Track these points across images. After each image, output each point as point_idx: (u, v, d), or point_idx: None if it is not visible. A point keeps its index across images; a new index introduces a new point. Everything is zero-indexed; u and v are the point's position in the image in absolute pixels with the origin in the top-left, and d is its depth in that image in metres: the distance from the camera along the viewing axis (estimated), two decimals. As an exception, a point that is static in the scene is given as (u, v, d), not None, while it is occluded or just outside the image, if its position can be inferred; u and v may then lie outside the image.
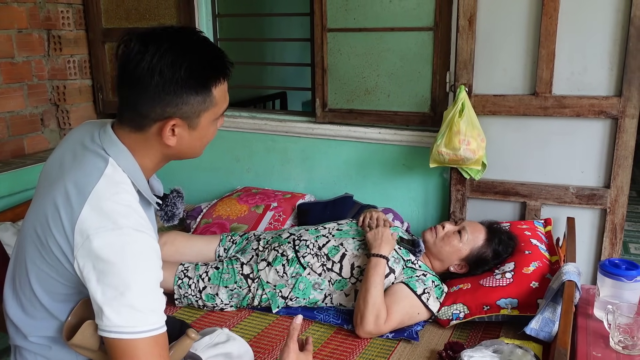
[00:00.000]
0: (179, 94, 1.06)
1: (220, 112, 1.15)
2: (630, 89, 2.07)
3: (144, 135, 1.11)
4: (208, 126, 1.14)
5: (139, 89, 1.06)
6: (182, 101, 1.07)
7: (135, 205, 1.08)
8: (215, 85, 1.10)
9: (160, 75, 1.04)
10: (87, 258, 1.02)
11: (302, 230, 2.07)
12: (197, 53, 1.07)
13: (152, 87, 1.05)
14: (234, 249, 2.13)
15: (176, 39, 1.07)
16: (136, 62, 1.05)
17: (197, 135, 1.13)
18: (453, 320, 1.82)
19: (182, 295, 1.96)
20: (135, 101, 1.08)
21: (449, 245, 1.95)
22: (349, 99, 2.59)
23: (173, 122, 1.09)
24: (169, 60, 1.04)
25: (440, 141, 2.18)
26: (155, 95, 1.06)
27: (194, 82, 1.07)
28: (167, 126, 1.09)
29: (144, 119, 1.09)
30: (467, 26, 2.21)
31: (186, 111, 1.09)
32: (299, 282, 1.92)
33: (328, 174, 2.71)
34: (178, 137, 1.11)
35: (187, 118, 1.10)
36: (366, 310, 1.75)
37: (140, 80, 1.05)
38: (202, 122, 1.12)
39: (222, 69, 1.11)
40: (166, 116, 1.08)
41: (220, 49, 1.13)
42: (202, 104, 1.10)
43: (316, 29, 2.56)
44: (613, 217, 2.19)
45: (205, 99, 1.09)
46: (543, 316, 1.66)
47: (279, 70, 4.52)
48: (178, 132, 1.11)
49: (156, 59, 1.04)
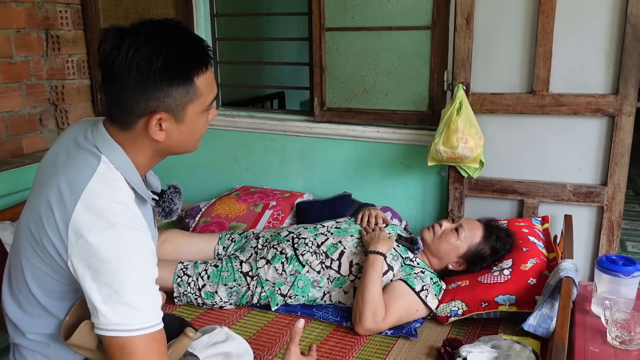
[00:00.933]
0: (159, 87, 1.05)
1: (208, 103, 1.12)
2: (626, 87, 2.08)
3: (132, 132, 1.10)
4: (197, 118, 1.12)
5: (119, 85, 1.05)
6: (164, 94, 1.05)
7: (129, 203, 1.08)
8: (198, 75, 1.08)
9: (137, 70, 1.03)
10: (81, 257, 1.02)
11: (301, 229, 2.08)
12: (175, 44, 1.05)
13: (132, 83, 1.04)
14: (233, 247, 2.13)
15: (153, 31, 1.05)
16: (113, 58, 1.04)
17: (186, 128, 1.11)
18: (451, 317, 1.83)
19: (182, 293, 1.96)
20: (118, 98, 1.07)
21: (447, 242, 1.96)
22: (347, 98, 2.59)
23: (158, 116, 1.07)
24: (145, 53, 1.02)
25: (438, 139, 2.19)
26: (136, 90, 1.05)
27: (174, 73, 1.04)
28: (152, 121, 1.07)
29: (129, 116, 1.08)
30: (464, 25, 2.22)
31: (170, 104, 1.07)
32: (298, 279, 1.93)
33: (326, 173, 2.72)
34: (166, 132, 1.10)
35: (172, 111, 1.08)
36: (365, 307, 1.76)
37: (119, 76, 1.04)
38: (189, 115, 1.10)
39: (203, 59, 1.09)
40: (150, 111, 1.06)
41: (200, 38, 1.10)
42: (185, 96, 1.07)
43: (314, 28, 2.56)
44: (610, 215, 2.19)
45: (188, 90, 1.07)
46: (541, 312, 1.67)
47: (276, 70, 4.52)
48: (166, 126, 1.09)
49: (132, 52, 1.02)
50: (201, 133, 1.16)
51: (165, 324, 1.54)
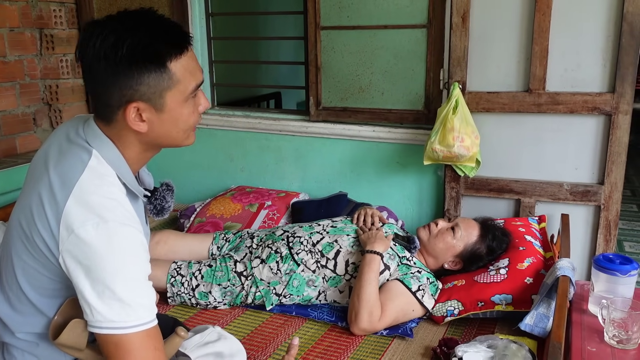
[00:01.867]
0: (129, 75, 1.02)
1: (189, 91, 1.07)
2: (623, 85, 2.07)
3: (116, 126, 1.08)
4: (179, 107, 1.08)
5: (93, 78, 1.04)
6: (135, 82, 1.02)
7: (121, 198, 1.06)
8: (171, 60, 1.03)
9: (105, 59, 1.01)
10: (72, 253, 1.00)
11: (296, 227, 2.06)
12: (143, 29, 1.01)
13: (102, 73, 1.02)
14: (227, 247, 2.11)
15: (122, 20, 1.03)
16: (83, 52, 1.03)
17: (168, 118, 1.07)
18: (447, 317, 1.81)
19: (175, 293, 1.94)
20: (95, 92, 1.06)
21: (443, 242, 1.94)
22: (342, 97, 2.58)
23: (134, 105, 1.04)
24: (111, 41, 1.00)
25: (434, 138, 2.18)
26: (108, 80, 1.03)
27: (141, 58, 1.01)
28: (129, 111, 1.04)
29: (108, 108, 1.06)
30: (460, 23, 2.21)
31: (145, 92, 1.03)
32: (293, 279, 1.91)
33: (322, 173, 2.70)
34: (148, 123, 1.07)
35: (149, 100, 1.05)
36: (360, 307, 1.74)
37: (91, 68, 1.03)
38: (168, 103, 1.06)
39: (177, 42, 1.04)
40: (125, 101, 1.04)
41: (175, 23, 1.07)
42: (160, 82, 1.04)
43: (310, 27, 2.55)
44: (607, 214, 2.18)
45: (162, 76, 1.03)
46: (537, 312, 1.65)
47: (273, 71, 4.51)
48: (146, 117, 1.06)
49: (99, 42, 1.00)
50: (188, 124, 1.12)
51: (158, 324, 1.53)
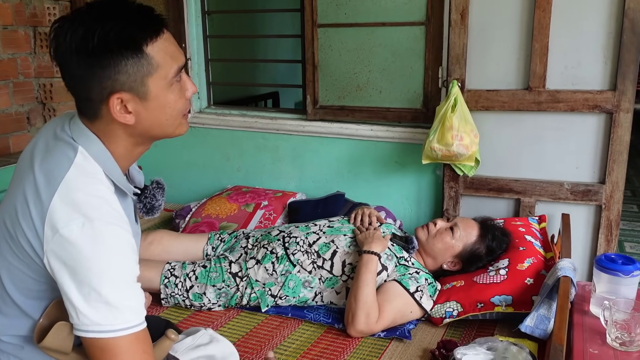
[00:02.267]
0: (105, 65, 0.98)
1: (171, 75, 1.03)
2: (624, 83, 2.04)
3: (101, 121, 1.04)
4: (163, 93, 1.04)
5: (70, 74, 1.00)
6: (114, 71, 0.98)
7: (108, 197, 1.03)
8: (147, 44, 0.99)
9: (77, 53, 0.97)
10: (57, 253, 0.97)
11: (292, 227, 2.03)
12: (112, 17, 0.98)
13: (77, 68, 0.98)
14: (222, 247, 2.08)
15: (90, 11, 0.99)
16: (55, 48, 0.99)
17: (154, 106, 1.04)
18: (446, 319, 1.78)
19: (169, 294, 1.91)
20: (74, 89, 1.02)
21: (441, 242, 1.91)
22: (340, 95, 2.55)
23: (117, 96, 1.00)
24: (80, 34, 0.96)
25: (432, 137, 2.15)
26: (85, 74, 0.99)
27: (116, 45, 0.97)
28: (112, 103, 1.01)
29: (90, 104, 1.03)
30: (459, 20, 2.18)
31: (125, 81, 1.00)
32: (289, 280, 1.88)
33: (319, 172, 2.67)
34: (135, 114, 1.03)
35: (131, 89, 1.01)
36: (357, 308, 1.71)
37: (66, 64, 0.99)
38: (152, 90, 1.02)
39: (151, 25, 1.00)
40: (107, 93, 1.00)
41: (146, 6, 1.02)
42: (140, 69, 0.99)
43: (306, 24, 2.52)
44: (608, 213, 2.15)
45: (140, 61, 0.99)
46: (538, 313, 1.63)
47: (271, 70, 4.48)
48: (132, 107, 1.02)
49: (69, 36, 0.96)
50: (176, 111, 1.08)
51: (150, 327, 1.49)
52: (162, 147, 2.96)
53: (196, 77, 2.86)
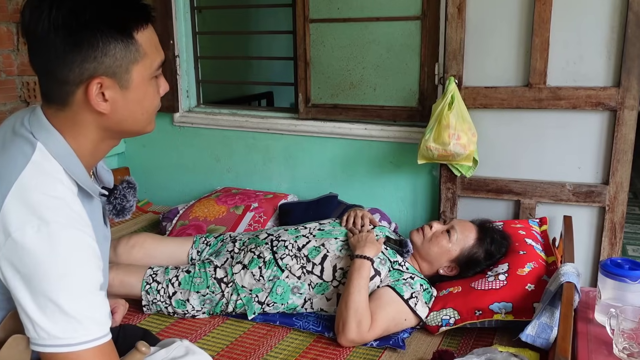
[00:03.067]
0: (93, 44, 0.91)
1: (155, 66, 0.99)
2: (629, 79, 1.96)
3: (71, 109, 0.96)
4: (145, 85, 0.98)
5: (47, 52, 0.91)
6: (100, 52, 0.91)
7: (68, 198, 0.94)
8: (138, 30, 0.94)
9: (64, 28, 0.89)
10: (10, 260, 0.88)
11: (281, 231, 1.94)
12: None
13: (60, 44, 0.90)
14: (207, 251, 1.99)
15: None
16: (35, 23, 0.90)
17: (133, 97, 0.98)
18: (443, 327, 1.69)
19: (150, 301, 1.81)
20: (49, 68, 0.93)
21: (438, 245, 1.82)
22: (333, 93, 2.47)
23: (97, 80, 0.93)
24: (69, 5, 0.89)
25: (428, 136, 2.07)
26: (67, 53, 0.91)
27: (107, 25, 0.91)
28: (92, 88, 0.93)
29: (64, 86, 0.94)
30: (456, 14, 2.10)
31: (110, 65, 0.93)
32: (277, 285, 1.78)
33: (312, 173, 2.59)
34: (111, 102, 0.96)
35: (114, 74, 0.94)
36: (348, 316, 1.62)
37: (44, 41, 0.90)
38: (134, 79, 0.96)
39: (142, 11, 0.96)
40: (88, 75, 0.92)
41: None
42: (127, 54, 0.94)
43: (298, 20, 2.44)
44: (612, 216, 2.07)
45: (129, 47, 0.94)
46: (540, 321, 1.54)
47: (266, 70, 4.40)
48: (109, 95, 0.95)
49: (54, 10, 0.88)
50: (153, 106, 1.02)
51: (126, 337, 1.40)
52: (150, 148, 2.90)
53: (185, 75, 2.78)
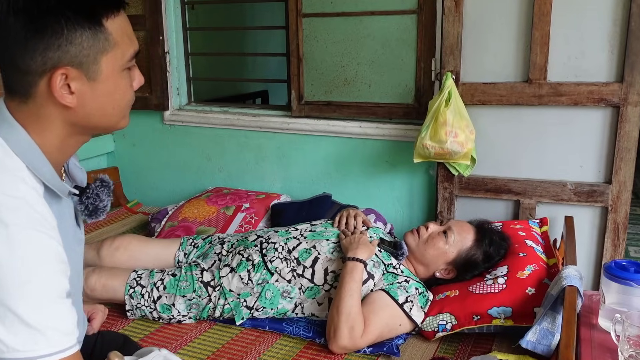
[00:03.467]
0: (57, 31, 0.84)
1: (127, 58, 0.93)
2: (632, 74, 1.90)
3: (34, 102, 0.89)
4: (116, 77, 0.92)
5: (7, 38, 0.85)
6: (65, 40, 0.85)
7: (30, 198, 0.86)
8: (107, 18, 0.88)
9: (24, 12, 0.83)
10: None
11: (271, 232, 1.86)
12: None
13: (21, 30, 0.83)
14: (195, 253, 1.91)
15: None
16: None
17: (102, 89, 0.91)
18: (439, 332, 1.62)
19: (135, 306, 1.74)
20: (10, 56, 0.86)
21: (434, 247, 1.75)
22: (326, 90, 2.40)
23: (62, 71, 0.86)
24: None
25: (425, 133, 2.00)
26: (29, 39, 0.84)
27: (73, 11, 0.85)
28: (55, 78, 0.86)
29: (26, 76, 0.87)
30: (453, 8, 2.04)
31: (76, 54, 0.86)
32: (266, 290, 1.71)
33: (305, 172, 2.52)
34: (78, 95, 0.89)
35: (80, 64, 0.87)
36: (340, 321, 1.54)
37: (4, 26, 0.84)
38: (103, 70, 0.89)
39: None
40: (51, 65, 0.86)
41: None
42: (95, 43, 0.87)
43: (290, 14, 2.37)
44: (615, 216, 2.01)
45: (97, 35, 0.87)
46: (541, 327, 1.47)
47: (261, 68, 4.32)
48: (76, 87, 0.88)
49: None
50: (125, 100, 0.96)
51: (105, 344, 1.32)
52: (140, 147, 2.83)
53: (175, 72, 2.71)
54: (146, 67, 2.62)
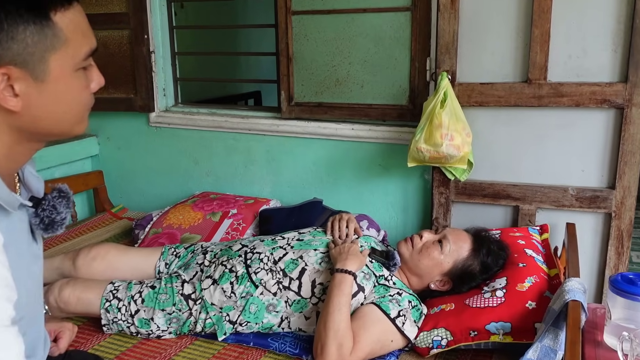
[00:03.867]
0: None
1: (81, 56, 0.84)
2: (637, 74, 1.81)
3: None
4: (67, 77, 0.83)
5: None
6: (5, 36, 0.76)
7: None
8: (56, 11, 0.80)
9: None
10: None
11: (257, 242, 1.76)
12: None
13: None
14: (176, 263, 1.81)
15: None
16: None
17: (52, 91, 0.82)
18: (434, 349, 1.53)
19: (111, 320, 1.64)
20: None
21: (428, 257, 1.65)
22: (317, 90, 2.31)
23: (3, 71, 0.78)
24: None
25: (419, 136, 1.92)
26: None
27: (15, 4, 0.77)
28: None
29: None
30: (449, 4, 1.95)
31: (19, 52, 0.78)
32: (250, 303, 1.61)
33: (295, 177, 2.43)
34: (23, 97, 0.80)
35: (25, 63, 0.79)
36: (328, 338, 1.45)
37: None
38: (53, 70, 0.81)
39: None
40: None
41: None
42: (42, 40, 0.79)
43: (280, 12, 2.28)
44: (619, 223, 1.92)
45: (43, 30, 0.79)
46: (542, 344, 1.38)
47: (254, 68, 4.23)
48: (20, 89, 0.79)
49: None
50: (79, 103, 0.87)
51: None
52: (125, 150, 2.73)
53: (161, 73, 2.61)
54: (130, 67, 2.53)
